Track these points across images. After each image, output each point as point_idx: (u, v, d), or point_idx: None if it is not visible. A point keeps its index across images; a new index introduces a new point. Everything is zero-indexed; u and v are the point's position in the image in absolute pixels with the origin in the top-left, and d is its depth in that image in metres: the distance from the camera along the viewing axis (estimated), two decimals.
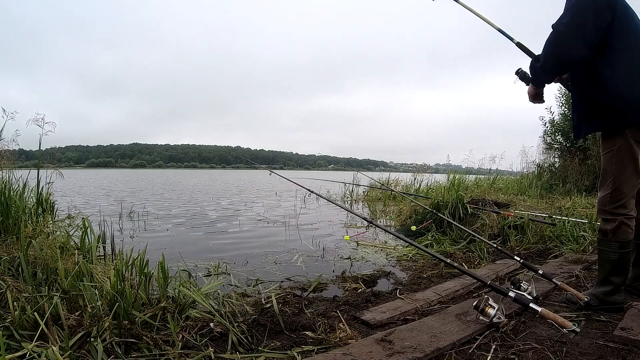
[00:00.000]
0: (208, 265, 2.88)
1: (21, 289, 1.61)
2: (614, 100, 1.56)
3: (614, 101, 1.56)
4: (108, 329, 1.32)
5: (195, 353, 1.32)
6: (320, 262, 3.10)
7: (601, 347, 1.34)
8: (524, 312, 1.65)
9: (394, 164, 57.19)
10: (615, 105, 1.56)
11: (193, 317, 1.60)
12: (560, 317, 1.37)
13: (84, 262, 1.83)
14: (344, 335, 1.47)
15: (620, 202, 1.61)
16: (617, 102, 1.55)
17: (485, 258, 3.00)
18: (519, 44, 1.89)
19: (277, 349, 1.41)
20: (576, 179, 6.39)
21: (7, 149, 3.03)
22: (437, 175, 8.09)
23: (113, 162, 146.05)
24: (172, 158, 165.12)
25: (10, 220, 2.44)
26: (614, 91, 1.56)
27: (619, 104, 1.55)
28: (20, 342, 1.24)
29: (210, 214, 6.34)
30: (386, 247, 3.67)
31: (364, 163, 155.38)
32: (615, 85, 1.55)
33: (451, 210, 3.96)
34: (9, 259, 1.97)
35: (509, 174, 7.97)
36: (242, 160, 74.62)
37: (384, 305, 1.85)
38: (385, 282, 2.53)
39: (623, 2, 1.59)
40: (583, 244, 3.03)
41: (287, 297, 2.05)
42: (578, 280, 2.19)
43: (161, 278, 1.73)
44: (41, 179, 3.03)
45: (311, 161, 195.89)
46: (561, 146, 7.24)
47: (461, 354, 1.34)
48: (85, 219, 2.48)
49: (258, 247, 3.67)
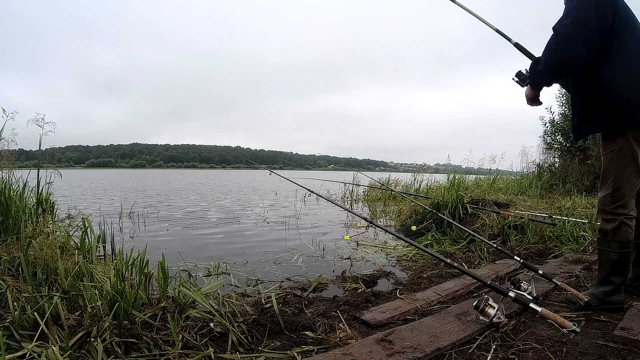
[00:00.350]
0: (208, 265, 2.88)
1: (21, 289, 1.61)
2: (616, 102, 1.55)
3: (615, 102, 1.55)
4: (108, 329, 1.32)
5: (195, 353, 1.32)
6: (320, 262, 3.09)
7: (601, 347, 1.34)
8: (524, 312, 1.65)
9: (394, 164, 57.19)
10: (617, 106, 1.55)
11: (193, 317, 1.60)
12: (560, 317, 1.37)
13: (84, 262, 1.83)
14: (344, 335, 1.47)
15: (621, 202, 1.61)
16: (619, 103, 1.54)
17: (485, 258, 3.00)
18: (517, 44, 1.88)
19: (277, 349, 1.41)
20: (576, 179, 6.39)
21: (7, 149, 3.03)
22: (437, 175, 8.09)
23: (113, 162, 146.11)
24: (172, 158, 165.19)
25: (10, 220, 2.44)
26: (616, 92, 1.55)
27: (621, 105, 1.54)
28: (20, 342, 1.24)
29: (210, 214, 6.34)
30: (386, 247, 3.67)
31: (364, 163, 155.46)
32: (617, 86, 1.54)
33: (451, 210, 3.96)
34: (9, 259, 1.97)
35: (509, 174, 7.98)
36: (242, 160, 74.66)
37: (384, 305, 1.85)
38: (385, 282, 2.53)
39: (623, 2, 1.58)
40: (583, 244, 3.03)
41: (287, 297, 2.05)
42: (578, 280, 2.19)
43: (161, 278, 1.73)
44: (41, 179, 3.03)
45: (311, 161, 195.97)
46: (561, 146, 7.24)
47: (461, 354, 1.34)
48: (85, 219, 2.48)
49: (258, 247, 3.67)
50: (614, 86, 1.55)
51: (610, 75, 1.56)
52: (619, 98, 1.54)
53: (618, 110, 1.55)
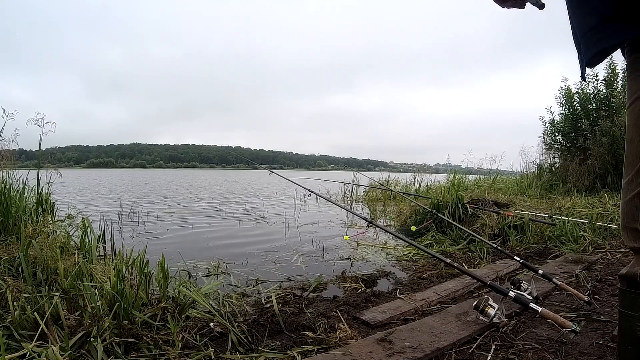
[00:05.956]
0: (208, 265, 2.88)
1: (21, 289, 1.61)
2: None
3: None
4: (108, 329, 1.32)
5: (195, 353, 1.32)
6: (320, 262, 3.09)
7: (601, 347, 1.33)
8: (524, 312, 1.65)
9: (394, 164, 57.22)
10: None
11: (193, 317, 1.60)
12: (560, 317, 1.37)
13: (84, 262, 1.83)
14: (344, 335, 1.47)
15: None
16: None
17: (485, 258, 3.00)
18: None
19: (277, 349, 1.41)
20: (576, 179, 6.39)
21: (7, 149, 3.03)
22: (437, 175, 8.09)
23: (113, 162, 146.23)
24: (172, 158, 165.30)
25: (10, 220, 2.44)
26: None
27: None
28: (20, 342, 1.24)
29: (210, 214, 6.34)
30: (386, 247, 3.67)
31: (363, 163, 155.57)
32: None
33: (451, 210, 3.96)
34: (9, 259, 1.97)
35: (509, 174, 7.98)
36: (242, 160, 74.69)
37: (384, 305, 1.85)
38: (385, 282, 2.53)
39: None
40: (583, 244, 3.03)
41: (287, 297, 2.05)
42: (578, 280, 2.19)
43: (161, 278, 1.73)
44: (41, 178, 3.03)
45: (311, 161, 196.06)
46: (561, 146, 7.25)
47: (461, 354, 1.34)
48: (85, 219, 2.48)
49: (258, 247, 3.67)
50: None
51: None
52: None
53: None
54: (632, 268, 0.83)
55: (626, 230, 0.85)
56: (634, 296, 0.82)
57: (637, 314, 0.81)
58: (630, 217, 0.84)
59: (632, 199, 0.82)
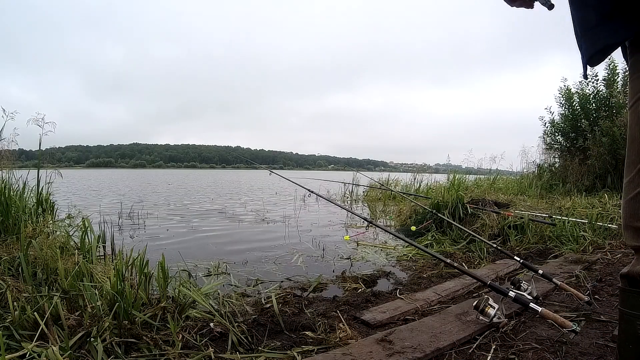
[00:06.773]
0: (208, 265, 2.88)
1: (21, 289, 1.61)
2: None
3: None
4: (108, 329, 1.32)
5: (195, 353, 1.32)
6: (320, 262, 3.09)
7: (601, 347, 1.33)
8: (524, 312, 1.65)
9: (394, 164, 57.22)
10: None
11: (193, 317, 1.60)
12: (560, 317, 1.37)
13: (84, 262, 1.82)
14: (344, 335, 1.47)
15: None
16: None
17: (485, 258, 3.00)
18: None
19: (277, 349, 1.41)
20: (576, 179, 6.40)
21: (7, 149, 3.03)
22: (437, 175, 8.09)
23: (113, 162, 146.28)
24: (172, 158, 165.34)
25: (10, 220, 2.44)
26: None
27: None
28: (20, 342, 1.24)
29: (210, 214, 6.34)
30: (386, 247, 3.67)
31: (364, 163, 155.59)
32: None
33: (451, 210, 3.96)
34: (9, 259, 1.97)
35: (509, 174, 7.98)
36: (242, 160, 74.71)
37: (384, 305, 1.85)
38: (385, 282, 2.53)
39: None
40: (583, 244, 3.03)
41: (287, 297, 2.05)
42: (578, 280, 2.19)
43: (161, 278, 1.73)
44: (41, 178, 3.03)
45: (311, 161, 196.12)
46: (561, 146, 7.25)
47: (461, 354, 1.34)
48: (85, 219, 2.48)
49: (258, 247, 3.67)
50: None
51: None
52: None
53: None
54: (634, 267, 0.83)
55: (627, 229, 0.85)
56: (635, 295, 0.82)
57: (638, 313, 0.81)
58: (631, 216, 0.84)
59: (633, 198, 0.83)
